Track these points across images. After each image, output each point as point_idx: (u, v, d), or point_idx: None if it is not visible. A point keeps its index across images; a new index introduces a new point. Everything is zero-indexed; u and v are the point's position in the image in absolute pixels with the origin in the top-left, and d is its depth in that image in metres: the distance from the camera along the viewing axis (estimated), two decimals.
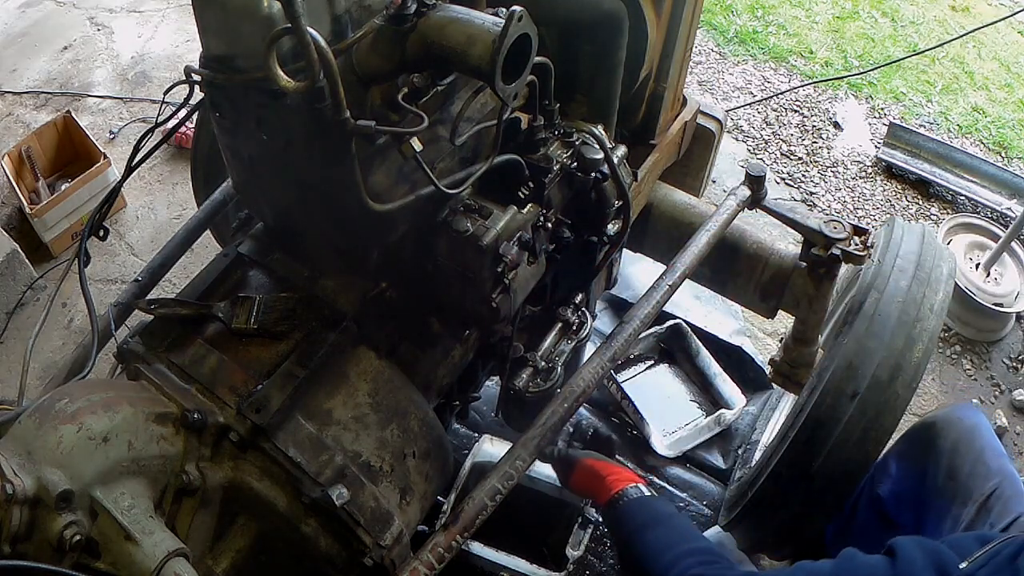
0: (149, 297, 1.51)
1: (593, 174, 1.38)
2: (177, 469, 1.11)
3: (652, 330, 2.44)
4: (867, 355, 1.60)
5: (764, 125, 3.59)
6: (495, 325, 1.35)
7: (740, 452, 2.32)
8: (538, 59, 1.10)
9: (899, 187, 3.35)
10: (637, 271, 2.66)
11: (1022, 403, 2.62)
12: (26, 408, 1.07)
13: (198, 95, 1.17)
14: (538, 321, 1.56)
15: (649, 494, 1.44)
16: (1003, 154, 3.52)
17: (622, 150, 1.47)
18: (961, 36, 3.73)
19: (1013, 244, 2.88)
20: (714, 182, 3.21)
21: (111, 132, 3.38)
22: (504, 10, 0.98)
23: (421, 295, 1.36)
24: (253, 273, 1.36)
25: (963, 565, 1.05)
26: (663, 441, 2.29)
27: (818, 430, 1.60)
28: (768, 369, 2.17)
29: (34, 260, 2.84)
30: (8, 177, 2.91)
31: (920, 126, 3.55)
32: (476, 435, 2.20)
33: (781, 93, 3.70)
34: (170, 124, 1.33)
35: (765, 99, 3.68)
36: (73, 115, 3.11)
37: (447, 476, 1.38)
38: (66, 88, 3.62)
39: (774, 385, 2.27)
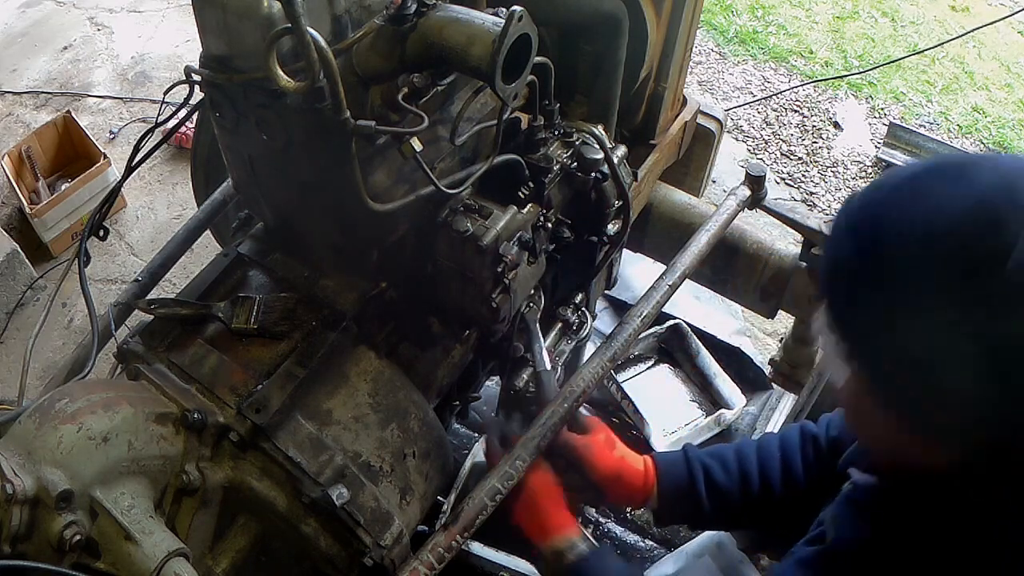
0: (149, 297, 1.51)
1: (593, 174, 1.37)
2: (177, 469, 1.11)
3: (652, 330, 2.44)
4: None
5: (764, 125, 3.59)
6: (495, 325, 1.35)
7: None
8: (538, 59, 1.10)
9: None
10: (637, 271, 2.65)
11: None
12: (26, 408, 1.07)
13: (198, 95, 1.17)
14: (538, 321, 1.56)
15: (591, 550, 1.25)
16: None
17: (622, 150, 1.46)
18: (961, 36, 3.73)
19: None
20: (714, 182, 3.21)
21: (111, 132, 3.39)
22: (504, 10, 0.98)
23: (421, 295, 1.36)
24: (253, 273, 1.36)
25: None
26: (663, 441, 2.29)
27: None
28: (768, 369, 2.17)
29: (34, 260, 2.85)
30: (8, 177, 2.91)
31: (920, 126, 3.55)
32: (476, 435, 2.20)
33: (781, 93, 3.70)
34: (170, 124, 1.32)
35: (765, 99, 3.68)
36: (73, 115, 3.11)
37: (447, 476, 1.38)
38: (66, 88, 3.62)
39: (774, 385, 2.27)
